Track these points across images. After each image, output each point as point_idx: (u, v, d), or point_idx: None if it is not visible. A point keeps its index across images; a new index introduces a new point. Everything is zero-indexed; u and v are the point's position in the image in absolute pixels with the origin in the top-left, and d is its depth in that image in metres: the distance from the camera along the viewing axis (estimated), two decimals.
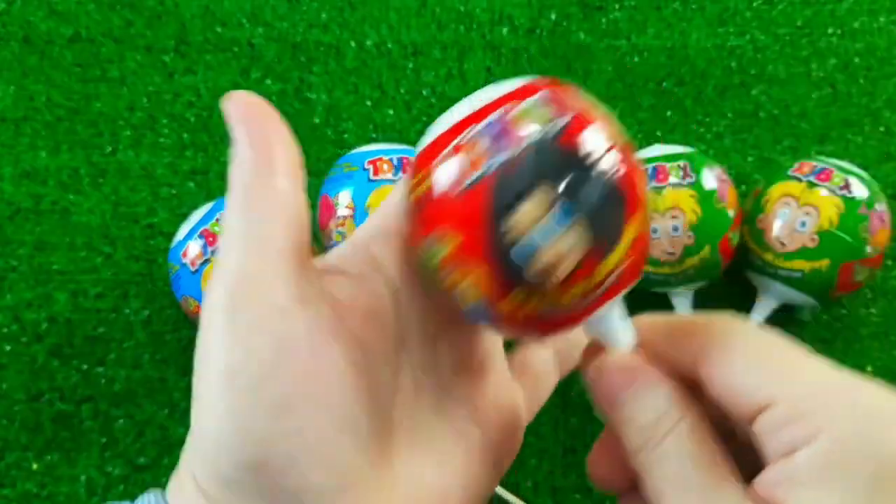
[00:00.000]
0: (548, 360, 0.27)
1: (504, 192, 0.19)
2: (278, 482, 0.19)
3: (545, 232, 0.19)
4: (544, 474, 0.46)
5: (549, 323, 0.20)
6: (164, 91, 0.52)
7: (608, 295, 0.20)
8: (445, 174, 0.20)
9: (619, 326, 0.22)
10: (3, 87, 0.52)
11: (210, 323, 0.21)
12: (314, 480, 0.19)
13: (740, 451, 0.21)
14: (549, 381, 0.27)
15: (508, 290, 0.19)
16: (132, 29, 0.53)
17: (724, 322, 0.21)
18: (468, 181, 0.19)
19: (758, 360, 0.20)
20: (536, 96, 0.20)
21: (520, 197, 0.19)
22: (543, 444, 0.46)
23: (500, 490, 0.44)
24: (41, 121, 0.51)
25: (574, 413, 0.46)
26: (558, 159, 0.19)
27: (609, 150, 0.20)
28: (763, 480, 0.19)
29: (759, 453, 0.20)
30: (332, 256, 0.23)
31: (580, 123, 0.20)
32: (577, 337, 0.23)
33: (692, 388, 0.21)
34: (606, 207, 0.19)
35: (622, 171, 0.20)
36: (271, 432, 0.19)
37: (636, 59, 0.54)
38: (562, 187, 0.19)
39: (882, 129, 0.52)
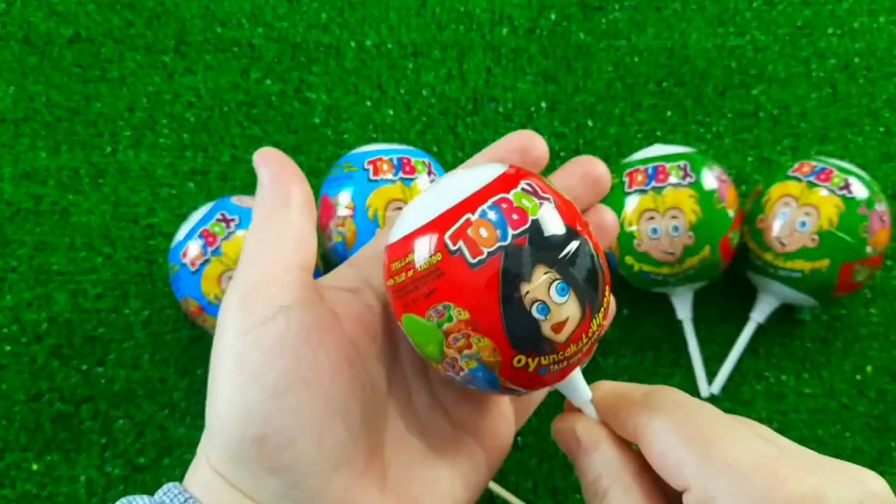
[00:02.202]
0: None
1: (513, 269, 0.22)
2: (277, 457, 0.22)
3: (549, 303, 0.22)
4: (544, 475, 0.46)
5: (540, 380, 0.23)
6: (164, 91, 0.52)
7: (588, 353, 0.24)
8: (456, 251, 0.22)
9: (582, 384, 0.26)
10: (3, 88, 0.52)
11: (224, 320, 0.24)
12: (308, 456, 0.22)
13: None
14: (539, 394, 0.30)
15: (515, 353, 0.22)
16: (132, 29, 0.53)
17: (659, 396, 0.24)
18: (479, 258, 0.22)
19: (676, 446, 0.22)
20: (523, 183, 0.24)
21: (526, 273, 0.22)
22: (543, 445, 0.46)
23: (500, 490, 0.44)
24: (41, 121, 0.51)
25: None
26: (553, 239, 0.23)
27: (582, 229, 0.23)
28: None
29: None
30: (331, 276, 0.27)
31: (560, 207, 0.23)
32: None
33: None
34: (591, 280, 0.23)
35: (596, 249, 0.24)
36: (270, 410, 0.22)
37: (636, 59, 0.54)
38: (558, 265, 0.22)
39: (882, 129, 0.52)
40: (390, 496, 0.24)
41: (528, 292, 0.22)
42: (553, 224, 0.23)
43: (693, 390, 0.47)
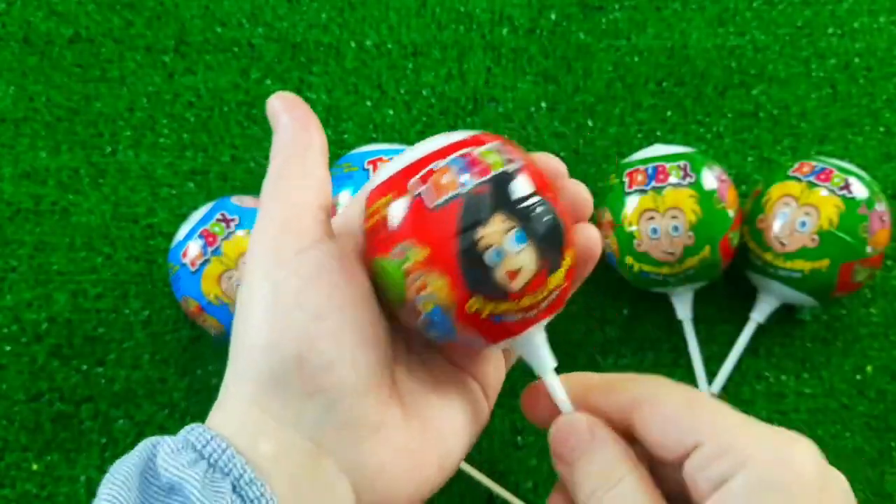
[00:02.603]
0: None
1: (471, 213, 0.23)
2: (316, 379, 0.23)
3: (506, 248, 0.23)
4: (544, 475, 0.46)
5: (496, 329, 0.24)
6: (164, 91, 0.52)
7: (547, 312, 0.25)
8: (417, 194, 0.24)
9: (544, 350, 0.26)
10: (3, 88, 0.52)
11: (256, 253, 0.24)
12: (345, 378, 0.23)
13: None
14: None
15: (469, 295, 0.23)
16: (132, 29, 0.53)
17: (651, 378, 0.25)
18: (438, 202, 0.23)
19: (683, 408, 0.24)
20: (492, 143, 0.25)
21: (484, 219, 0.23)
22: (543, 444, 0.46)
23: (500, 490, 0.44)
24: (41, 121, 0.51)
25: None
26: (516, 192, 0.23)
27: (548, 193, 0.24)
28: (703, 498, 0.22)
29: (688, 496, 0.23)
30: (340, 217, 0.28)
31: (530, 168, 0.24)
32: None
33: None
34: (551, 237, 0.24)
35: (559, 213, 0.24)
36: (310, 332, 0.23)
37: (636, 59, 0.54)
38: (519, 215, 0.23)
39: (882, 129, 0.52)
40: (412, 419, 0.26)
41: (483, 237, 0.23)
42: (516, 180, 0.24)
43: None
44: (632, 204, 0.43)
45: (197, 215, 0.43)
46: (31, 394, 0.46)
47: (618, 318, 0.49)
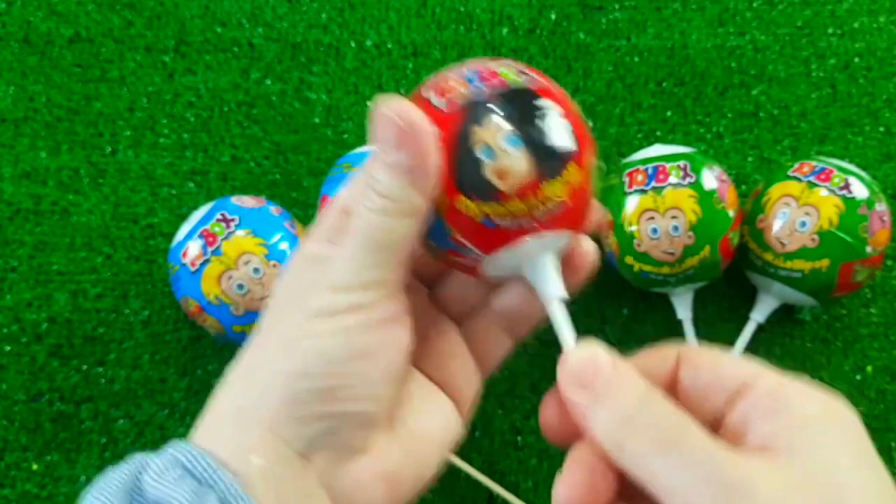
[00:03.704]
0: (496, 329, 0.30)
1: (471, 114, 0.23)
2: (333, 407, 0.23)
3: (497, 147, 0.23)
4: (544, 475, 0.46)
5: (487, 234, 0.24)
6: (164, 91, 0.52)
7: (546, 224, 0.24)
8: (427, 98, 0.24)
9: (552, 275, 0.25)
10: (3, 88, 0.52)
11: (335, 265, 0.24)
12: (362, 411, 0.24)
13: None
14: (502, 347, 0.30)
15: (458, 193, 0.23)
16: (132, 29, 0.53)
17: (681, 346, 0.25)
18: (444, 104, 0.24)
19: (727, 360, 0.24)
20: (512, 63, 0.25)
21: (482, 120, 0.23)
22: (543, 445, 0.46)
23: (500, 490, 0.44)
24: (41, 121, 0.51)
25: None
26: (522, 102, 0.24)
27: (563, 113, 0.24)
28: (758, 434, 0.22)
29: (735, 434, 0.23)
30: None
31: (542, 89, 0.24)
32: (522, 301, 0.28)
33: None
34: (549, 144, 0.23)
35: (571, 126, 0.24)
36: (347, 369, 0.23)
37: (636, 59, 0.54)
38: (516, 120, 0.23)
39: (882, 129, 0.52)
40: (392, 442, 0.26)
41: (476, 133, 0.23)
42: (526, 93, 0.24)
43: None
44: (632, 204, 0.43)
45: (197, 215, 0.43)
46: (31, 394, 0.46)
47: (618, 318, 0.49)
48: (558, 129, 0.24)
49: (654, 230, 0.43)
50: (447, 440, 0.28)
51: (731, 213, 0.44)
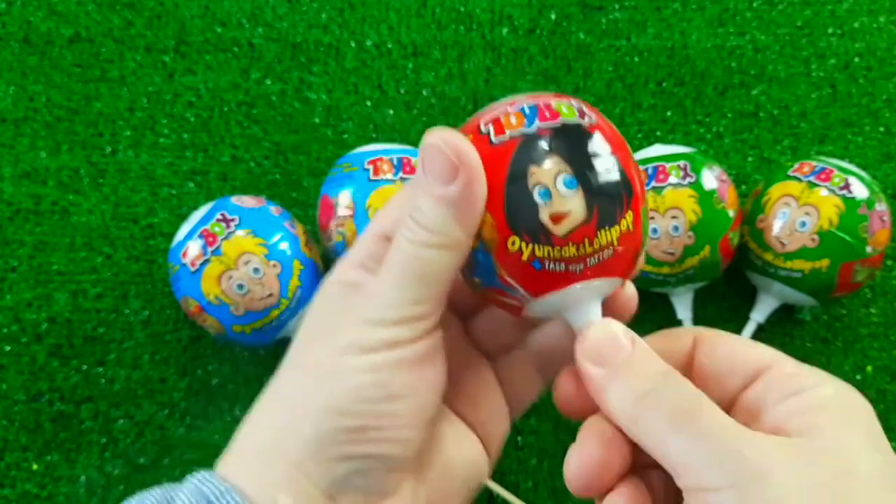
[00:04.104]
0: (529, 369, 0.30)
1: (527, 151, 0.22)
2: (363, 447, 0.23)
3: (554, 189, 0.22)
4: (544, 474, 0.46)
5: (536, 277, 0.23)
6: (164, 91, 0.52)
7: (596, 272, 0.23)
8: (485, 132, 0.23)
9: (595, 313, 0.24)
10: (3, 88, 0.52)
11: (371, 296, 0.23)
12: (391, 454, 0.23)
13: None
14: (534, 387, 0.30)
15: (511, 232, 0.22)
16: (132, 29, 0.53)
17: (700, 328, 0.26)
18: (500, 138, 0.23)
19: (744, 343, 0.24)
20: (572, 100, 0.24)
21: (539, 158, 0.22)
22: (543, 444, 0.46)
23: (500, 490, 0.44)
24: (41, 121, 0.51)
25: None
26: (580, 141, 0.23)
27: (621, 157, 0.23)
28: (773, 416, 0.22)
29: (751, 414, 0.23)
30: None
31: (602, 126, 0.24)
32: (559, 343, 0.27)
33: None
34: (608, 190, 0.23)
35: (627, 173, 0.23)
36: (380, 410, 0.23)
37: (636, 59, 0.54)
38: (578, 161, 0.22)
39: (882, 129, 0.52)
40: (421, 486, 0.25)
41: (534, 174, 0.22)
42: (584, 131, 0.23)
43: None
44: None
45: (197, 215, 0.43)
46: (31, 394, 0.46)
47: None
48: (616, 174, 0.23)
49: (654, 230, 0.43)
50: (473, 483, 0.27)
51: (731, 213, 0.44)
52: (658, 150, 0.46)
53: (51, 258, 0.48)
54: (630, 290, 0.27)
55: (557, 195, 0.22)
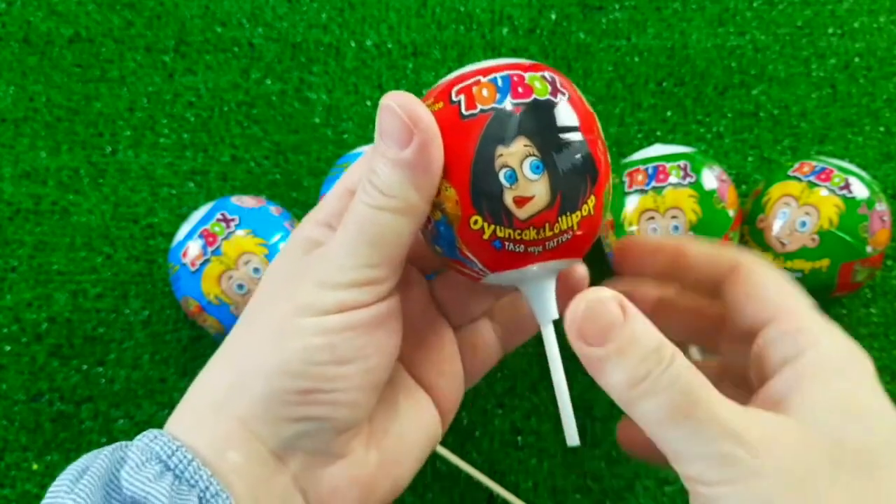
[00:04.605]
0: (491, 338, 0.30)
1: (496, 129, 0.22)
2: (311, 409, 0.23)
3: (521, 173, 0.22)
4: (544, 474, 0.46)
5: (495, 256, 0.23)
6: (164, 91, 0.52)
7: (554, 254, 0.23)
8: (455, 102, 0.23)
9: (549, 298, 0.25)
10: (3, 88, 0.52)
11: (326, 258, 0.23)
12: (339, 416, 0.23)
13: None
14: (492, 356, 0.30)
15: (474, 212, 0.23)
16: (132, 29, 0.53)
17: (748, 251, 0.27)
18: (470, 112, 0.23)
19: (773, 284, 0.25)
20: (546, 72, 0.24)
21: (508, 139, 0.22)
22: (543, 444, 0.46)
23: (500, 490, 0.44)
24: (41, 121, 0.51)
25: (574, 414, 0.46)
26: (550, 121, 0.23)
27: (590, 139, 0.23)
28: (770, 389, 0.23)
29: (757, 374, 0.24)
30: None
31: (576, 104, 0.23)
32: (521, 316, 0.28)
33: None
34: (573, 175, 0.23)
35: (594, 157, 0.23)
36: (329, 373, 0.23)
37: (636, 59, 0.54)
38: (546, 144, 0.22)
39: (882, 129, 0.52)
40: (371, 448, 0.25)
41: (501, 155, 0.22)
42: (556, 110, 0.23)
43: None
44: (632, 204, 0.43)
45: (197, 215, 0.43)
46: (31, 394, 0.46)
47: None
48: (582, 159, 0.23)
49: (654, 230, 0.43)
50: (426, 447, 0.28)
51: (732, 213, 0.44)
52: (658, 150, 0.46)
53: (51, 258, 0.48)
54: (582, 271, 0.27)
55: (523, 179, 0.22)
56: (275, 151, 0.51)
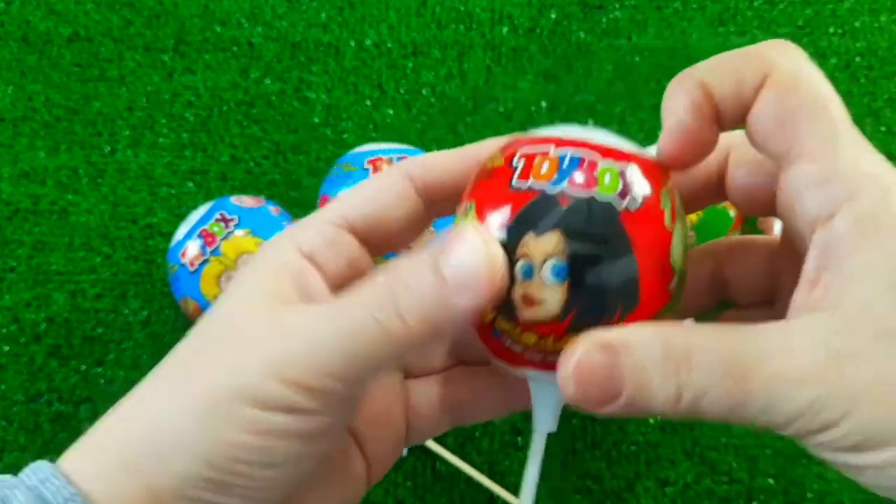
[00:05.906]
0: (438, 412, 0.27)
1: (533, 213, 0.20)
2: (226, 500, 0.20)
3: (539, 271, 0.19)
4: (544, 475, 0.46)
5: (496, 345, 0.21)
6: (163, 91, 0.52)
7: (552, 367, 0.20)
8: (512, 166, 0.21)
9: (549, 409, 0.22)
10: (2, 87, 0.52)
11: (293, 336, 0.20)
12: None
13: None
14: (438, 426, 0.27)
15: None
16: (131, 28, 0.53)
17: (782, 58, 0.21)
18: (518, 184, 0.20)
19: (808, 102, 0.20)
20: (628, 165, 0.20)
21: (541, 228, 0.19)
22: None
23: (500, 490, 0.44)
24: (40, 121, 0.51)
25: (574, 414, 0.46)
26: (592, 228, 0.19)
27: (643, 262, 0.20)
28: (807, 276, 0.19)
29: (792, 231, 0.20)
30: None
31: (639, 216, 0.20)
32: (478, 396, 0.25)
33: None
34: (598, 298, 0.19)
35: (638, 284, 0.20)
36: (257, 475, 0.20)
37: (637, 58, 0.54)
38: (576, 250, 0.19)
39: (883, 128, 0.52)
40: None
41: (527, 244, 0.20)
42: (609, 217, 0.19)
43: None
44: None
45: (196, 215, 0.43)
46: (30, 394, 0.46)
47: None
48: (620, 282, 0.19)
49: None
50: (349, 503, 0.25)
51: (732, 213, 0.44)
52: None
53: (49, 258, 0.48)
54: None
55: (539, 279, 0.19)
56: (274, 151, 0.51)
